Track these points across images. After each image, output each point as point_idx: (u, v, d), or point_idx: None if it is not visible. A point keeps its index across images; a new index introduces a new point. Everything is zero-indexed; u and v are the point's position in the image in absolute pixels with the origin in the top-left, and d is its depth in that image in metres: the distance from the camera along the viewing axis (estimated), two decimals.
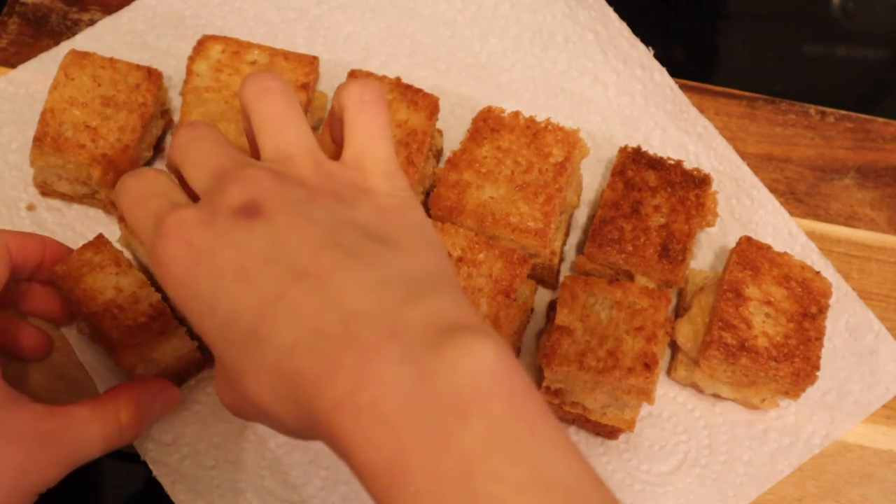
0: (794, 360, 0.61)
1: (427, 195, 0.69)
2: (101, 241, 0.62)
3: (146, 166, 0.70)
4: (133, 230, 0.48)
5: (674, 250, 0.64)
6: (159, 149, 0.71)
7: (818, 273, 0.64)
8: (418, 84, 0.69)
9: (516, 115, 0.67)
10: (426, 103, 0.67)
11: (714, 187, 0.68)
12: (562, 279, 0.64)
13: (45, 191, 0.68)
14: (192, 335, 0.61)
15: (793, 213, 0.72)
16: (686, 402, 0.66)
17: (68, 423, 0.54)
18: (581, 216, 0.71)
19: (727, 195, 0.72)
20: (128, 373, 0.60)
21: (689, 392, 0.66)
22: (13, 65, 0.73)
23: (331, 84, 0.73)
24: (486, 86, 0.75)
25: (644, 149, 0.68)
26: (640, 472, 0.64)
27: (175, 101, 0.72)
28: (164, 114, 0.71)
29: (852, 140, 0.76)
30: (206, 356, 0.64)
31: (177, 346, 0.61)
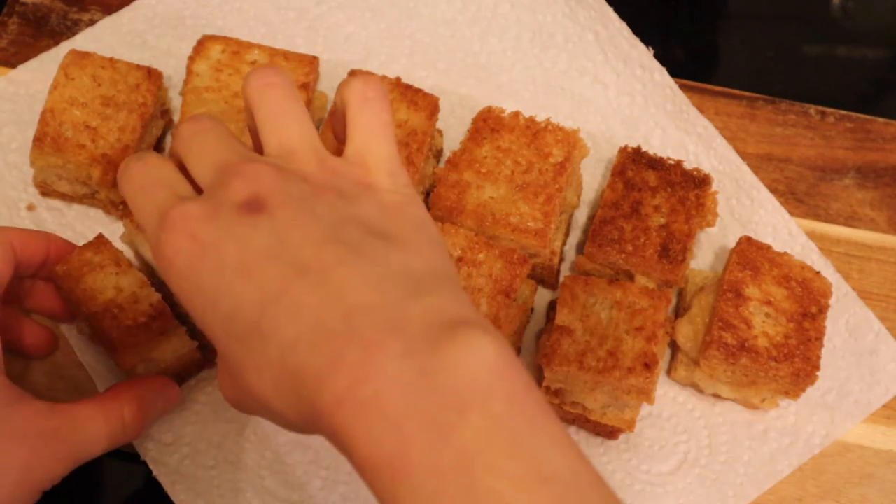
0: (794, 360, 0.61)
1: (427, 195, 0.69)
2: (101, 240, 0.62)
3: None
4: (136, 220, 0.48)
5: (674, 250, 0.64)
6: (159, 149, 0.71)
7: (818, 273, 0.64)
8: (418, 84, 0.69)
9: (516, 115, 0.67)
10: (426, 103, 0.67)
11: (714, 187, 0.68)
12: (562, 279, 0.64)
13: (45, 191, 0.68)
14: (193, 335, 0.61)
15: (793, 213, 0.72)
16: (686, 402, 0.66)
17: (72, 420, 0.54)
18: (581, 216, 0.71)
19: (727, 195, 0.72)
20: (128, 373, 0.60)
21: (689, 392, 0.66)
22: (13, 65, 0.73)
23: (331, 84, 0.73)
24: (486, 86, 0.75)
25: (644, 149, 0.68)
26: (640, 472, 0.64)
27: (175, 101, 0.72)
28: (164, 114, 0.71)
29: (852, 140, 0.76)
30: (206, 356, 0.64)
31: (177, 345, 0.61)
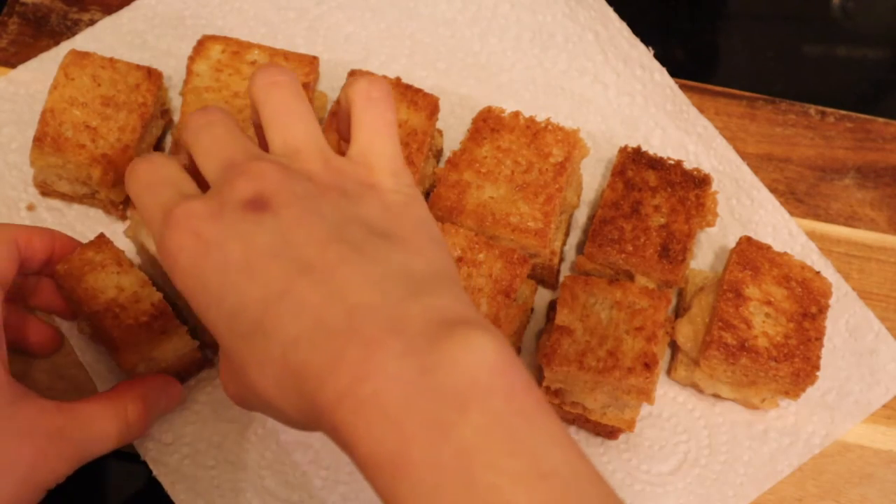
0: (794, 360, 0.61)
1: (427, 195, 0.69)
2: (102, 240, 0.62)
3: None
4: (142, 217, 0.49)
5: (674, 250, 0.64)
6: (159, 149, 0.71)
7: (818, 273, 0.64)
8: (418, 84, 0.69)
9: (516, 115, 0.67)
10: (426, 103, 0.67)
11: (714, 187, 0.68)
12: (562, 279, 0.64)
13: (45, 191, 0.68)
14: (194, 335, 0.61)
15: (793, 213, 0.72)
16: (686, 402, 0.66)
17: (77, 419, 0.55)
18: (581, 216, 0.71)
19: (727, 195, 0.72)
20: (128, 372, 0.60)
21: (689, 392, 0.66)
22: (13, 65, 0.73)
23: (331, 84, 0.73)
24: (486, 86, 0.75)
25: (644, 149, 0.68)
26: (640, 472, 0.64)
27: (175, 101, 0.72)
28: (164, 114, 0.71)
29: (852, 140, 0.76)
30: (207, 356, 0.64)
31: (178, 345, 0.61)
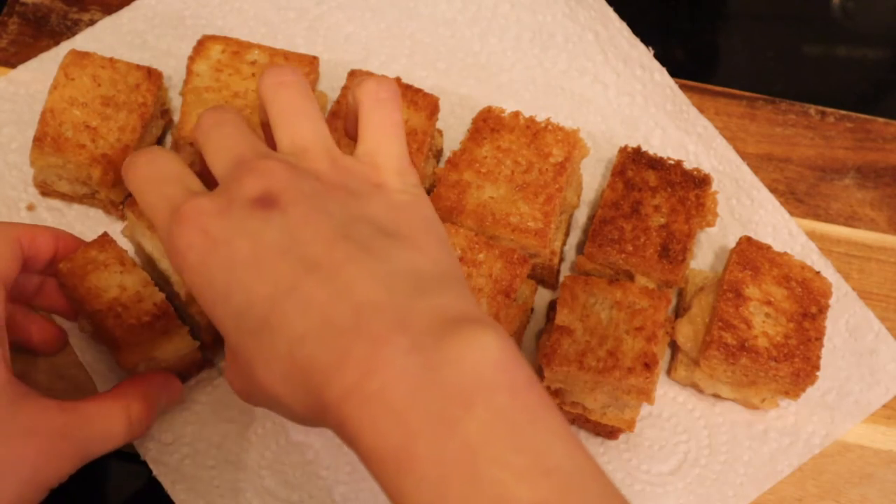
0: (794, 360, 0.61)
1: (427, 195, 0.69)
2: (105, 239, 0.62)
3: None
4: (145, 213, 0.49)
5: (674, 250, 0.64)
6: None
7: (818, 273, 0.64)
8: (418, 84, 0.69)
9: (516, 115, 0.67)
10: (426, 103, 0.67)
11: (714, 187, 0.68)
12: (562, 279, 0.64)
13: (45, 191, 0.68)
14: (195, 335, 0.61)
15: (793, 213, 0.72)
16: (686, 402, 0.66)
17: (80, 418, 0.55)
18: (581, 216, 0.71)
19: (727, 195, 0.72)
20: (129, 371, 0.60)
21: (689, 392, 0.66)
22: (13, 65, 0.73)
23: (331, 84, 0.73)
24: (486, 86, 0.75)
25: (644, 149, 0.68)
26: (640, 472, 0.64)
27: (175, 101, 0.72)
28: (164, 114, 0.71)
29: (852, 140, 0.76)
30: (207, 356, 0.64)
31: (179, 345, 0.61)
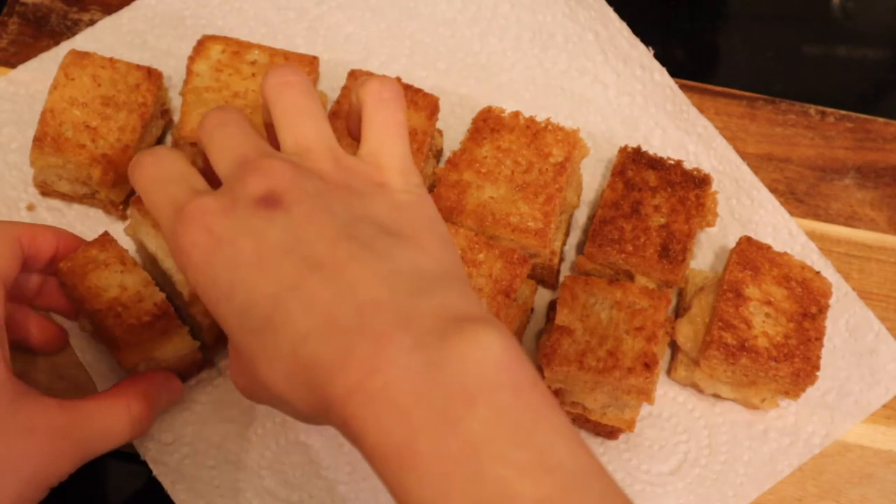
0: (794, 360, 0.61)
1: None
2: (106, 238, 0.62)
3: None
4: (151, 212, 0.49)
5: (674, 250, 0.64)
6: None
7: (818, 273, 0.64)
8: (418, 84, 0.69)
9: (516, 115, 0.67)
10: (426, 103, 0.67)
11: (714, 187, 0.68)
12: (562, 279, 0.64)
13: (45, 191, 0.68)
14: (195, 335, 0.61)
15: (793, 213, 0.72)
16: (686, 402, 0.66)
17: (81, 416, 0.55)
18: (581, 216, 0.71)
19: (727, 195, 0.72)
20: (129, 371, 0.60)
21: (689, 392, 0.66)
22: (13, 65, 0.73)
23: (331, 84, 0.73)
24: (486, 86, 0.75)
25: (644, 149, 0.68)
26: (640, 472, 0.64)
27: (175, 101, 0.72)
28: (164, 114, 0.71)
29: (852, 140, 0.76)
30: (207, 356, 0.64)
31: (179, 345, 0.61)
